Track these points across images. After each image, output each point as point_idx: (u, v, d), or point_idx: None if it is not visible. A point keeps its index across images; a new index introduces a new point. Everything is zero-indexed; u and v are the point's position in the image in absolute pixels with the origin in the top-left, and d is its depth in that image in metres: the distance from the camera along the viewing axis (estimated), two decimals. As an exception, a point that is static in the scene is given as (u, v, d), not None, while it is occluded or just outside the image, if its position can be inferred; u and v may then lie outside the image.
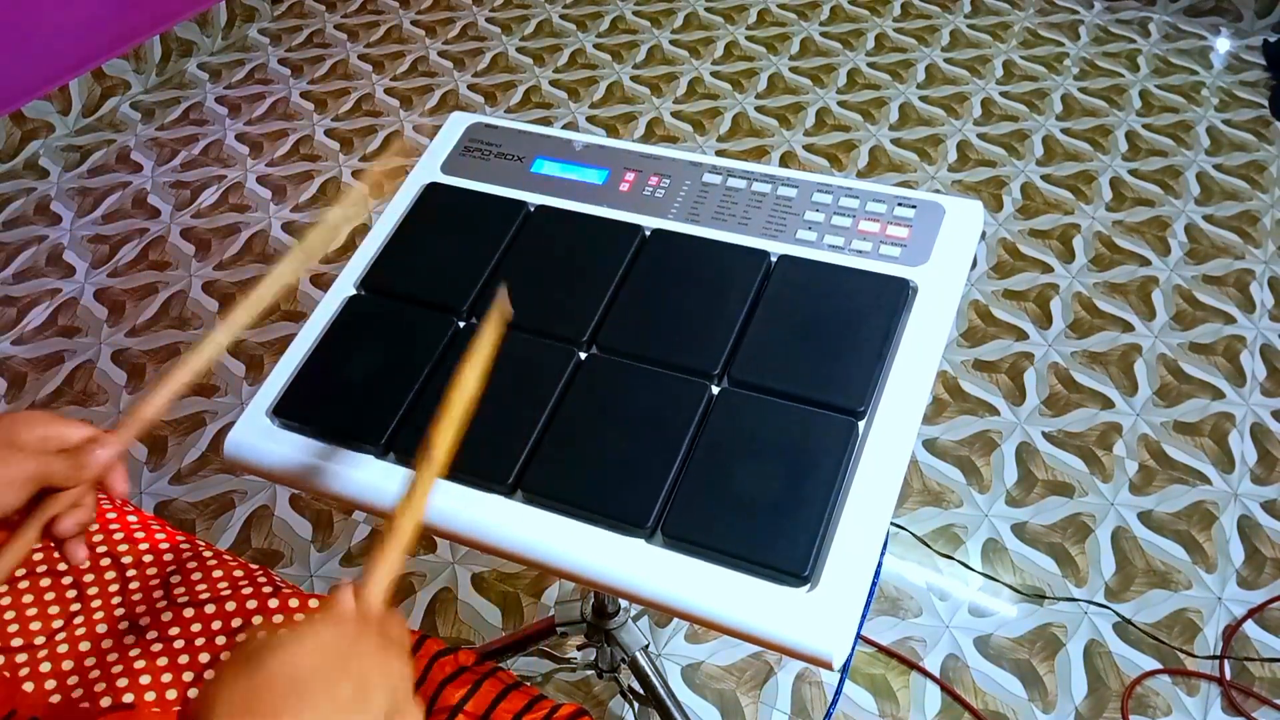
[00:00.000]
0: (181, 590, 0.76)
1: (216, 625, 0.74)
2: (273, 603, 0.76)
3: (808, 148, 2.12)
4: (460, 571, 1.40)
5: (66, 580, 0.76)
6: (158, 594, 0.76)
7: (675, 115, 2.23)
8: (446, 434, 0.56)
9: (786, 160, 2.09)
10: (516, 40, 2.49)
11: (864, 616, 0.60)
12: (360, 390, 0.71)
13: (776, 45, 2.45)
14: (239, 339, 1.72)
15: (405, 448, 0.68)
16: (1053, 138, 2.13)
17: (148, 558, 0.79)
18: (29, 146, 2.13)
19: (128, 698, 0.69)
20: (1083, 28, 2.49)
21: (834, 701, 0.96)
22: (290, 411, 0.71)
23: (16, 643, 0.72)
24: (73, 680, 0.70)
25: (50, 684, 0.70)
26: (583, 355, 0.71)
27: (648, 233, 0.77)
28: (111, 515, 0.82)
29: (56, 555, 0.78)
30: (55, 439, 0.53)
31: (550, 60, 2.42)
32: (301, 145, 2.16)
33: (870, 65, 2.37)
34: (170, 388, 0.58)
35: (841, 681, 0.86)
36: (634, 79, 2.34)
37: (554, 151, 0.84)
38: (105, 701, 0.69)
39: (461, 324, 0.74)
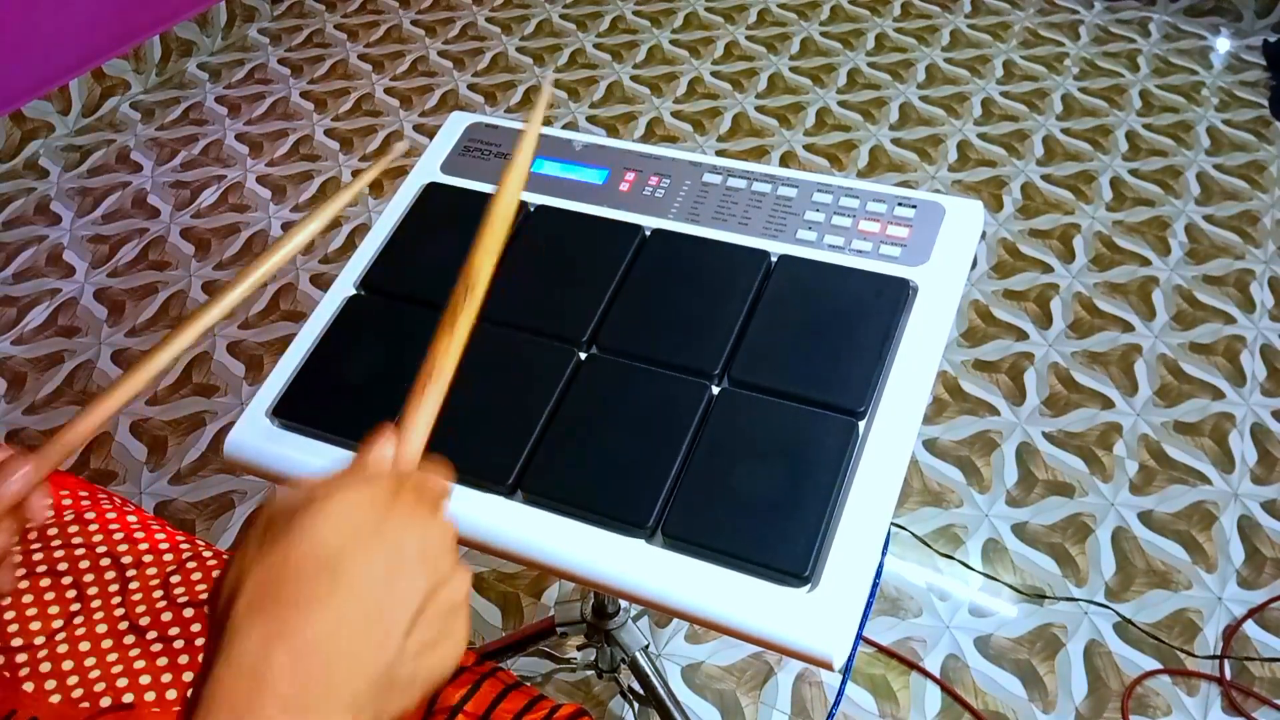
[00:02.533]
0: (181, 590, 0.77)
1: (216, 625, 0.74)
2: (273, 603, 0.76)
3: (808, 148, 2.12)
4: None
5: (66, 580, 0.76)
6: (158, 594, 0.76)
7: (675, 115, 2.23)
8: (486, 260, 0.50)
9: (786, 160, 2.09)
10: (516, 40, 2.49)
11: (865, 617, 0.60)
12: (360, 390, 0.71)
13: (776, 45, 2.45)
14: (238, 339, 1.72)
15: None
16: (1053, 138, 2.13)
17: (148, 558, 0.79)
18: (29, 146, 2.13)
19: (128, 698, 0.69)
20: (1083, 28, 2.49)
21: (836, 703, 0.96)
22: (290, 411, 0.71)
23: (16, 643, 0.72)
24: (73, 680, 0.70)
25: (50, 684, 0.70)
26: (583, 355, 0.71)
27: (648, 233, 0.77)
28: (111, 515, 0.82)
29: (57, 555, 0.78)
30: None
31: (550, 60, 2.42)
32: (301, 145, 2.16)
33: (870, 65, 2.37)
34: (106, 407, 0.51)
35: (844, 683, 0.86)
36: (634, 79, 2.34)
37: (554, 151, 0.84)
38: (105, 701, 0.69)
39: (461, 324, 0.74)
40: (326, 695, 0.33)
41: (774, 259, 0.73)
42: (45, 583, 0.76)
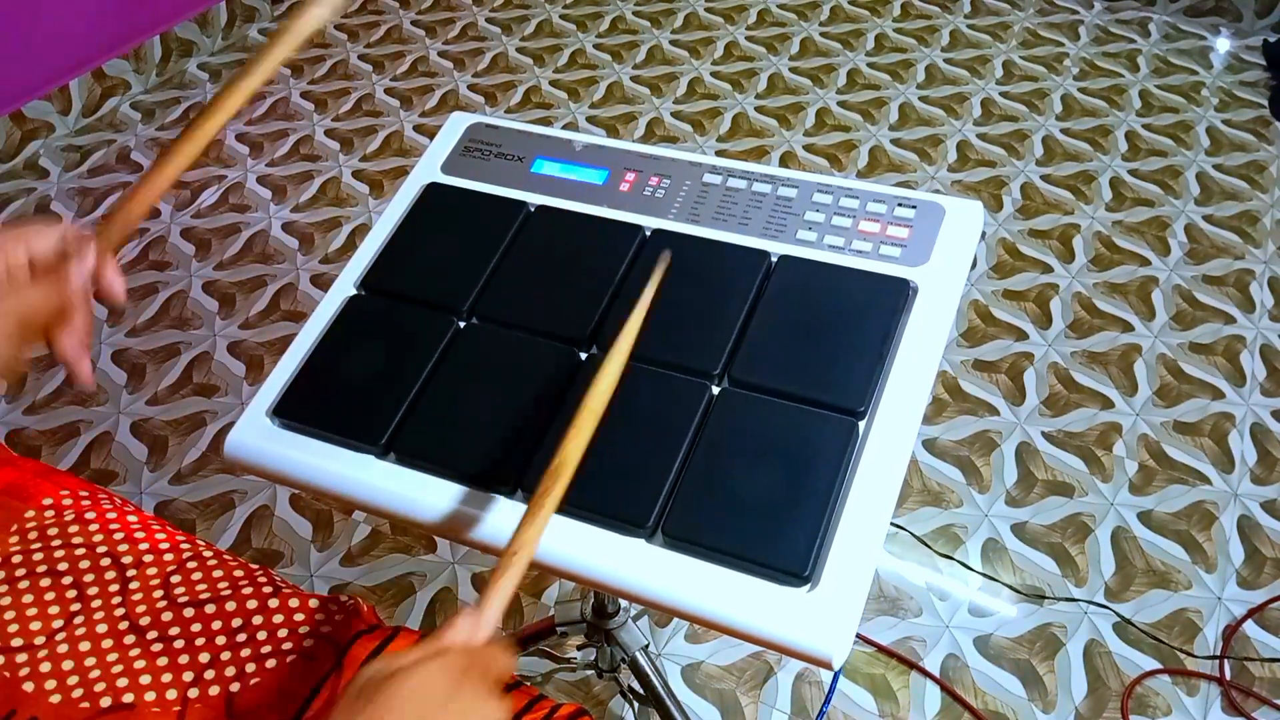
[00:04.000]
0: (181, 590, 0.77)
1: (217, 625, 0.74)
2: (273, 603, 0.76)
3: (808, 148, 2.12)
4: (460, 571, 1.40)
5: (66, 580, 0.76)
6: (158, 594, 0.76)
7: (675, 115, 2.23)
8: (574, 456, 0.56)
9: (786, 160, 2.09)
10: (516, 40, 2.49)
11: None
12: (360, 390, 0.71)
13: (776, 45, 2.45)
14: (238, 339, 1.72)
15: (405, 448, 0.68)
16: (1053, 138, 2.14)
17: (148, 558, 0.79)
18: (29, 146, 2.14)
19: (128, 698, 0.69)
20: (1083, 28, 2.49)
21: (827, 699, 0.96)
22: (290, 411, 0.71)
23: (16, 643, 0.72)
24: (73, 680, 0.70)
25: (50, 684, 0.70)
26: (583, 355, 0.71)
27: (648, 233, 0.77)
28: (111, 515, 0.82)
29: (57, 555, 0.78)
30: (20, 267, 0.48)
31: (550, 60, 2.42)
32: (301, 145, 2.16)
33: (870, 65, 2.37)
34: (158, 182, 0.54)
35: (835, 680, 0.86)
36: (634, 79, 2.34)
37: (554, 151, 0.84)
38: (105, 701, 0.69)
39: (462, 324, 0.74)
40: None
41: (774, 259, 0.74)
42: (45, 583, 0.76)
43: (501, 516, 0.65)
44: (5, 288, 0.47)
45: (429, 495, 0.66)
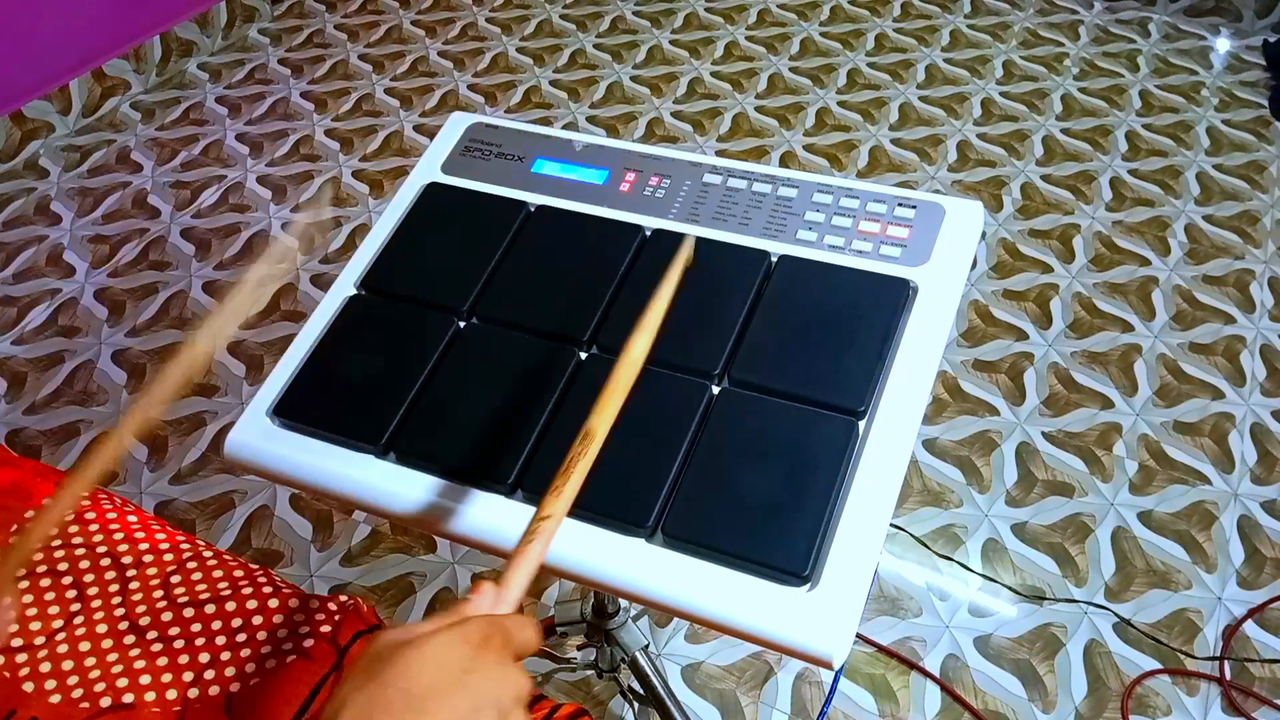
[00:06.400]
0: (181, 590, 0.77)
1: (216, 625, 0.74)
2: (273, 603, 0.76)
3: (808, 148, 2.12)
4: (460, 571, 1.40)
5: (66, 580, 0.76)
6: (158, 594, 0.76)
7: (675, 115, 2.23)
8: (606, 417, 0.54)
9: (786, 160, 2.09)
10: (516, 40, 2.49)
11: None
12: (360, 390, 0.71)
13: (776, 45, 2.45)
14: (237, 339, 1.72)
15: (405, 448, 0.68)
16: (1053, 138, 2.14)
17: (148, 558, 0.79)
18: (29, 146, 2.14)
19: (128, 698, 0.69)
20: (1083, 28, 2.49)
21: (828, 699, 0.96)
22: (290, 411, 0.71)
23: (16, 643, 0.72)
24: (73, 680, 0.70)
25: (50, 684, 0.70)
26: (583, 355, 0.71)
27: (648, 233, 0.77)
28: (111, 515, 0.82)
29: (57, 555, 0.78)
30: None
31: (550, 60, 2.42)
32: (301, 145, 2.16)
33: (870, 65, 2.37)
34: (62, 505, 0.54)
35: (836, 679, 0.86)
36: (634, 79, 2.34)
37: (554, 151, 0.84)
38: (105, 701, 0.69)
39: (462, 324, 0.74)
40: None
41: (774, 259, 0.73)
42: (45, 583, 0.76)
43: (501, 516, 0.65)
44: None
45: (429, 495, 0.66)
